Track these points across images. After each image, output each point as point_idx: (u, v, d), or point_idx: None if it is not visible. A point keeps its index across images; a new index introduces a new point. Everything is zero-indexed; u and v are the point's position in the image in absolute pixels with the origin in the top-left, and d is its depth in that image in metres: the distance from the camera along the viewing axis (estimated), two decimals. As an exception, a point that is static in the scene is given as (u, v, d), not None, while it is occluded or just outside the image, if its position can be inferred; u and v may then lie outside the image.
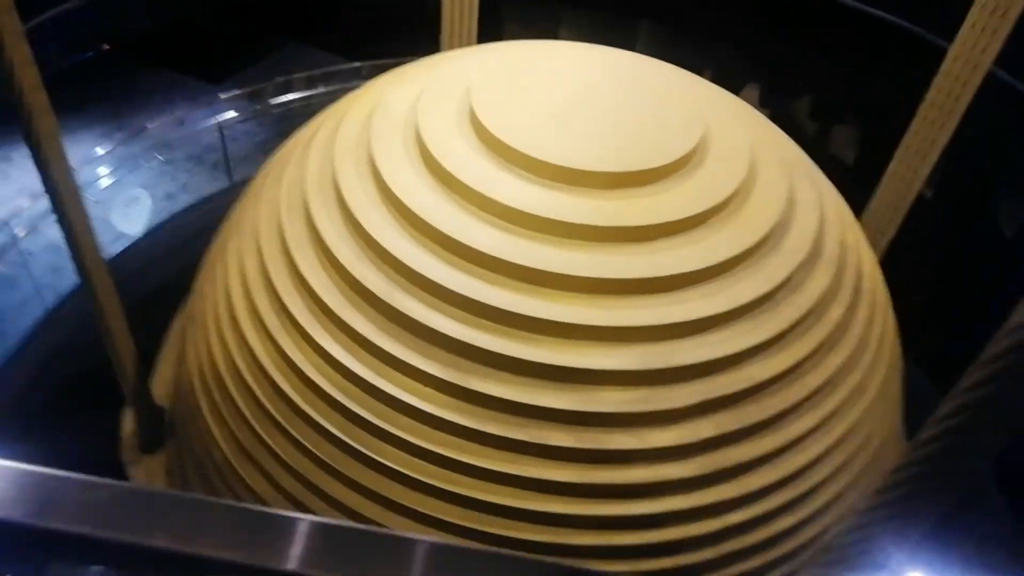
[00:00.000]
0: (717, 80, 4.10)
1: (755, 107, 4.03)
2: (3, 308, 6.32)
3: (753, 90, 7.71)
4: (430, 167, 3.17)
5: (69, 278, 6.66)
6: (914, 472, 1.28)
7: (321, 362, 3.00)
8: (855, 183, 4.82)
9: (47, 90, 2.95)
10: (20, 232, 6.23)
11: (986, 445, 1.28)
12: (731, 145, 3.38)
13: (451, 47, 5.22)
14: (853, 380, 3.20)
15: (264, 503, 3.15)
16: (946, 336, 5.77)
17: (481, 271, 2.90)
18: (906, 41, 7.05)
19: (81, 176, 7.13)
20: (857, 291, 3.35)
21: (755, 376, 2.88)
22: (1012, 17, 3.75)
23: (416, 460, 2.82)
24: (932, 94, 4.13)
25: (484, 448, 2.77)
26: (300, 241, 3.22)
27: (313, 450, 2.99)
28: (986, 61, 3.91)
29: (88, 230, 3.32)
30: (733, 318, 2.91)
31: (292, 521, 1.03)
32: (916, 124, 4.28)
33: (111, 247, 6.72)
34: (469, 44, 5.32)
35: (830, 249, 3.27)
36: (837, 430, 3.13)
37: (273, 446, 3.11)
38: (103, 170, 6.92)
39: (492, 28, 5.39)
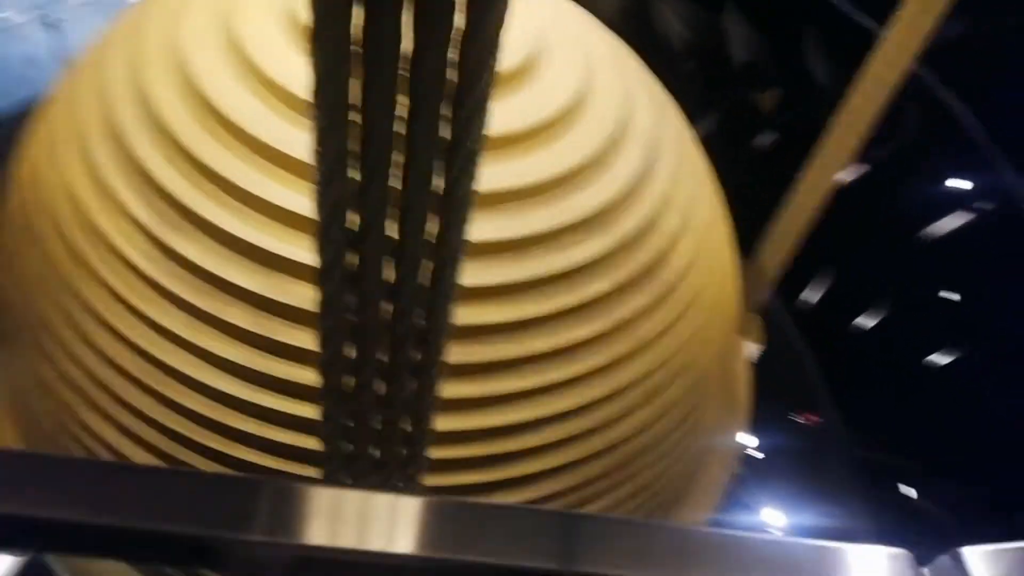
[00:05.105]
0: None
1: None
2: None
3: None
4: (237, 56, 3.06)
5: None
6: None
7: (102, 198, 2.99)
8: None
9: None
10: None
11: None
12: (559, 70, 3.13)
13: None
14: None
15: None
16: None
17: (229, 139, 2.80)
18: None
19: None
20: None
21: (464, 318, 2.72)
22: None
23: (110, 299, 2.79)
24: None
25: (168, 306, 2.72)
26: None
27: (52, 291, 3.00)
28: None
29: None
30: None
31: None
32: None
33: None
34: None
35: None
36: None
37: (22, 255, 3.15)
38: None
39: None
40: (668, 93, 4.00)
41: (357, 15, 1.13)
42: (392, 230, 1.38)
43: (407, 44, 1.20)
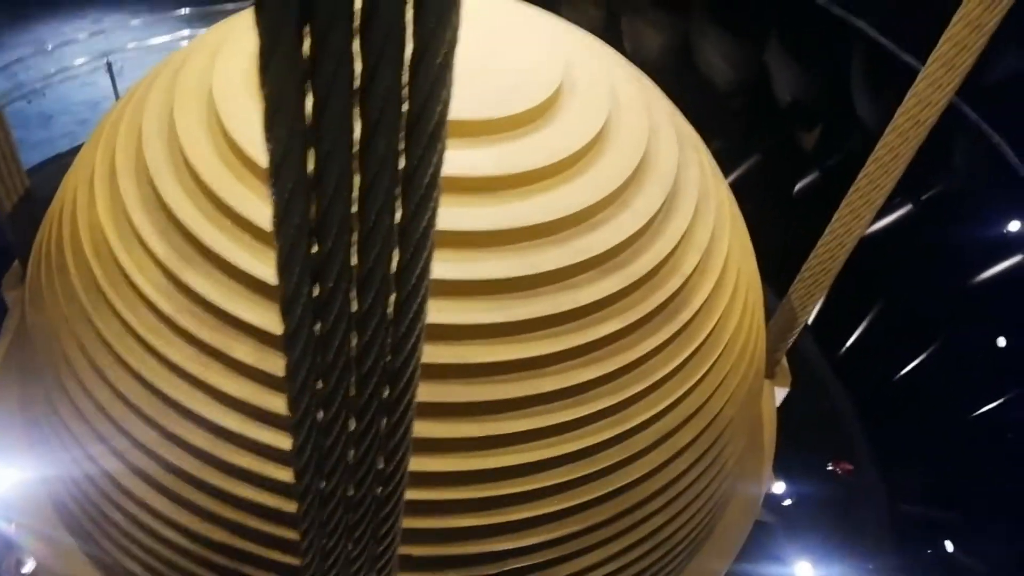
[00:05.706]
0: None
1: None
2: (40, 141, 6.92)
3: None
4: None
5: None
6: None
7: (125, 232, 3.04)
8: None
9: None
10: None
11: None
12: (583, 107, 3.10)
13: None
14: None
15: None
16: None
17: (249, 177, 2.83)
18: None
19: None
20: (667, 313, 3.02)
21: (469, 356, 2.66)
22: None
23: (123, 332, 2.81)
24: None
25: (177, 341, 2.72)
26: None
27: (72, 324, 3.04)
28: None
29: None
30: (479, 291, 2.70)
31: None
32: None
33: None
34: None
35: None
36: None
37: (45, 288, 3.21)
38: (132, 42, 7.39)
39: None
40: (704, 131, 3.93)
41: (308, 42, 1.11)
42: (354, 259, 1.35)
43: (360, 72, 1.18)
